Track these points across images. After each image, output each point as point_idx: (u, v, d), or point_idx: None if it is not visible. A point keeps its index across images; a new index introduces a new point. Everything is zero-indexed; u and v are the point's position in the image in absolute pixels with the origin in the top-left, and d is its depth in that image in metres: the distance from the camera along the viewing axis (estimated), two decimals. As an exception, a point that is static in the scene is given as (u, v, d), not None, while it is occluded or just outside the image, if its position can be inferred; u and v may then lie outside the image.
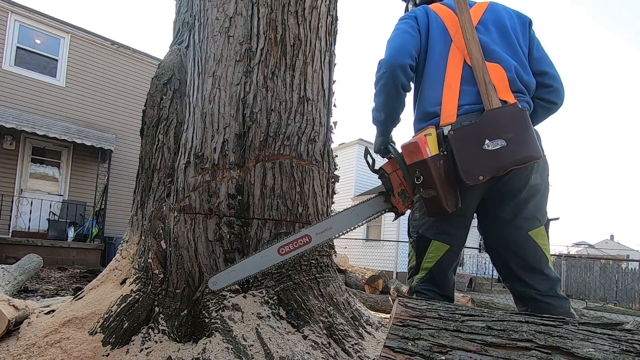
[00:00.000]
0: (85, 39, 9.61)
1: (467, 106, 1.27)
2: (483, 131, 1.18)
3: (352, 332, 2.02)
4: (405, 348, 0.73)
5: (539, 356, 0.63)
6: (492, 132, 1.17)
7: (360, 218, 1.67)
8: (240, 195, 2.14)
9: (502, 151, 1.16)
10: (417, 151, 1.21)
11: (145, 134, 2.67)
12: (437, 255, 1.35)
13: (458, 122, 1.24)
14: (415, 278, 1.42)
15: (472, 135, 1.19)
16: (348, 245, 12.71)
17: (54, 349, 1.80)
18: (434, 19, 1.40)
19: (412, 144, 1.22)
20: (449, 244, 1.35)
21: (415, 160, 1.22)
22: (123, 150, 9.87)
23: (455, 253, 1.38)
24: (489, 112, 1.20)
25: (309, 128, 2.32)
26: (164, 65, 2.72)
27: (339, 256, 6.31)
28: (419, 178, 1.22)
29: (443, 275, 1.38)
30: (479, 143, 1.18)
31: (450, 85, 1.30)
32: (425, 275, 1.37)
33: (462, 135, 1.20)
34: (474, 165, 1.17)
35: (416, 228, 1.42)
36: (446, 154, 1.23)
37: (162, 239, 2.20)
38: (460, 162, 1.18)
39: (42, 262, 5.02)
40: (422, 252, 1.39)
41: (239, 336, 1.75)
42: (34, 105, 8.82)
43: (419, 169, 1.22)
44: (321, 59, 2.43)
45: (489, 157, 1.16)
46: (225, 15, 2.28)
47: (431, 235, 1.36)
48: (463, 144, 1.19)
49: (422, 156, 1.20)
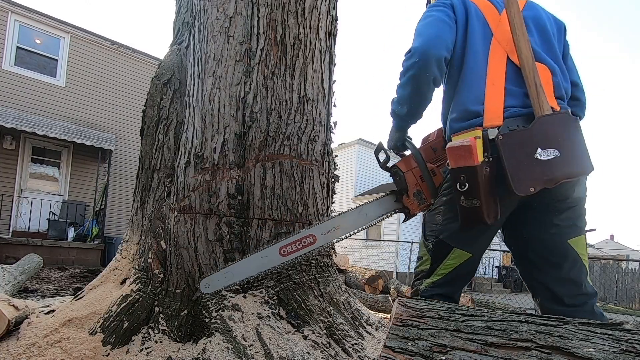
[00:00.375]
0: (85, 39, 9.61)
1: (513, 109, 1.16)
2: (535, 139, 1.08)
3: (352, 332, 2.02)
4: (405, 348, 0.73)
5: (539, 356, 0.63)
6: (545, 141, 1.08)
7: (370, 218, 1.59)
8: (240, 195, 2.14)
9: (555, 162, 1.07)
10: (468, 156, 1.09)
11: (145, 134, 2.67)
12: (457, 263, 1.26)
13: (505, 125, 1.13)
14: (425, 281, 1.33)
15: (523, 142, 1.09)
16: (348, 245, 12.71)
17: (54, 349, 1.80)
18: (473, 10, 1.28)
19: (464, 147, 1.09)
20: (471, 253, 1.26)
21: (463, 165, 1.10)
22: (123, 150, 9.87)
23: (475, 263, 1.30)
24: (542, 119, 1.09)
25: (309, 128, 2.32)
26: (164, 65, 2.72)
27: (339, 256, 6.31)
28: (464, 185, 1.11)
29: (457, 283, 1.31)
30: (530, 151, 1.07)
31: (493, 83, 1.19)
32: (438, 280, 1.29)
33: (513, 141, 1.09)
34: (525, 175, 1.07)
35: (436, 232, 1.31)
36: (491, 161, 1.11)
37: (162, 239, 2.20)
38: (510, 171, 1.08)
39: (42, 262, 5.02)
40: (439, 258, 1.29)
41: (239, 336, 1.75)
42: (34, 105, 8.82)
43: (465, 175, 1.10)
44: (321, 59, 2.43)
45: (541, 168, 1.07)
46: (225, 15, 2.28)
47: (454, 242, 1.26)
48: (513, 150, 1.09)
49: (472, 162, 1.08)
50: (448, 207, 1.27)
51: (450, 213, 1.25)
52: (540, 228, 1.21)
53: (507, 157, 1.08)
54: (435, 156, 1.47)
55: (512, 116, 1.15)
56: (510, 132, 1.11)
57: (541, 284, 1.24)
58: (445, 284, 1.28)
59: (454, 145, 1.13)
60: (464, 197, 1.13)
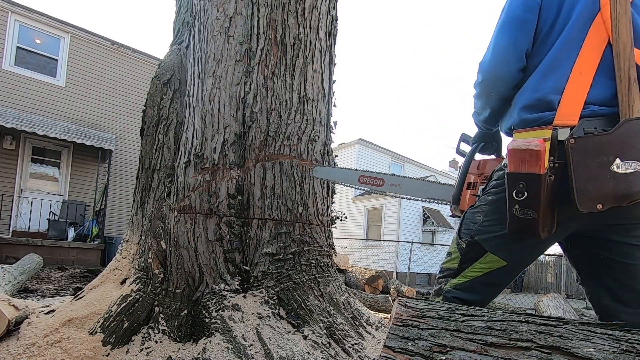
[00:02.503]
0: (85, 39, 9.61)
1: (595, 106, 0.97)
2: (615, 146, 0.90)
3: (352, 332, 2.02)
4: (405, 348, 0.73)
5: (539, 356, 0.63)
6: (628, 150, 0.89)
7: (428, 194, 1.63)
8: (240, 195, 2.14)
9: (634, 177, 0.89)
10: (534, 162, 0.93)
11: (145, 134, 2.67)
12: (489, 268, 1.14)
13: (580, 126, 0.95)
14: (450, 281, 1.21)
15: (600, 150, 0.91)
16: (348, 245, 12.72)
17: (54, 348, 1.80)
18: None
19: (532, 152, 0.93)
20: (507, 262, 1.12)
21: (524, 172, 0.95)
22: (123, 150, 9.87)
23: (509, 274, 1.16)
24: (629, 123, 0.91)
25: (309, 128, 2.32)
26: (164, 65, 2.72)
27: (339, 256, 6.31)
28: (522, 194, 0.96)
29: (484, 291, 1.18)
30: (606, 161, 0.90)
31: (581, 72, 0.99)
32: (465, 283, 1.17)
33: (586, 147, 0.92)
34: (595, 188, 0.91)
35: (472, 232, 1.18)
36: (557, 167, 0.95)
37: (162, 238, 2.20)
38: (576, 182, 0.92)
39: (42, 262, 5.03)
40: (469, 259, 1.17)
41: (239, 336, 1.75)
42: (34, 105, 8.82)
43: (525, 182, 0.95)
44: (321, 59, 2.43)
45: (616, 182, 0.90)
46: (225, 15, 2.28)
47: (490, 247, 1.13)
48: (584, 159, 0.91)
49: (538, 169, 0.93)
50: (493, 208, 1.13)
51: (494, 215, 1.12)
52: (615, 250, 1.04)
53: (575, 166, 0.92)
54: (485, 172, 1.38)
55: (591, 116, 0.97)
56: (585, 137, 0.93)
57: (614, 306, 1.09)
58: (470, 289, 1.17)
59: (517, 147, 0.96)
60: (519, 207, 0.98)
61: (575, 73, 1.00)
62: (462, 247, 1.20)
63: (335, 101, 2.69)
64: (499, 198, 1.10)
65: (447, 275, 1.23)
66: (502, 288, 1.23)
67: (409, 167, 17.48)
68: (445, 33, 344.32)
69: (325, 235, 2.37)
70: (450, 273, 1.22)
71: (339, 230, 6.14)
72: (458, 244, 1.22)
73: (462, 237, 1.20)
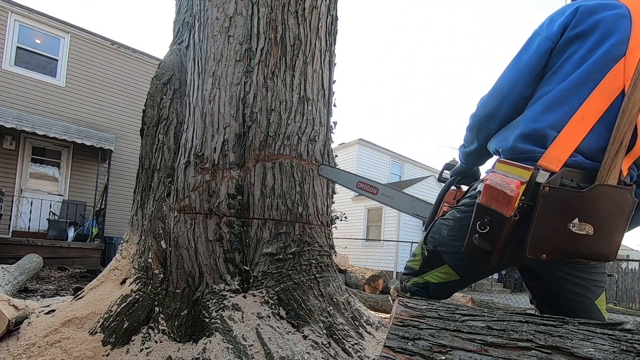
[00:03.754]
0: (85, 39, 9.61)
1: (581, 157, 0.96)
2: (579, 206, 0.92)
3: (352, 332, 2.02)
4: (405, 348, 0.73)
5: (539, 356, 0.63)
6: (588, 213, 0.92)
7: (414, 210, 1.74)
8: (240, 195, 2.14)
9: (582, 239, 0.92)
10: (504, 204, 0.95)
11: (145, 134, 2.67)
12: (443, 279, 1.22)
13: (559, 175, 0.95)
14: (412, 279, 1.32)
15: (566, 205, 0.93)
16: (348, 245, 12.72)
17: (54, 348, 1.80)
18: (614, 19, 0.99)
19: (505, 195, 0.95)
20: (460, 277, 1.20)
21: (493, 208, 0.98)
22: (123, 150, 9.87)
23: (461, 285, 1.26)
24: (600, 188, 0.92)
25: (309, 128, 2.32)
26: (164, 65, 2.72)
27: (339, 256, 6.31)
28: (484, 227, 1.00)
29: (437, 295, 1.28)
30: (567, 217, 0.92)
31: (583, 117, 0.97)
32: (424, 284, 1.27)
33: (556, 199, 0.93)
34: (546, 240, 0.95)
35: (436, 242, 1.24)
36: (525, 208, 0.95)
37: (162, 238, 2.20)
38: (534, 230, 0.95)
39: (42, 262, 5.02)
40: (429, 265, 1.26)
41: (239, 336, 1.75)
42: (34, 105, 8.82)
43: (490, 218, 0.98)
44: (321, 59, 2.43)
45: (564, 238, 0.93)
46: (225, 15, 2.28)
47: (448, 260, 1.20)
48: (550, 209, 0.93)
49: (505, 212, 0.95)
50: (457, 225, 1.18)
51: (457, 232, 1.17)
52: (561, 287, 1.07)
53: (540, 215, 0.94)
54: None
55: (574, 166, 0.96)
56: (557, 189, 0.93)
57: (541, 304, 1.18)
58: (427, 290, 1.27)
59: (494, 184, 0.97)
60: (479, 237, 1.02)
61: (578, 117, 0.98)
62: (424, 253, 1.28)
63: (335, 101, 2.70)
64: (465, 217, 1.14)
65: (409, 274, 1.34)
66: (451, 295, 1.31)
67: (409, 167, 17.47)
68: (446, 33, 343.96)
69: (325, 235, 2.37)
70: (412, 272, 1.32)
71: (339, 230, 6.13)
72: (422, 248, 1.30)
73: (427, 243, 1.28)
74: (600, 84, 0.97)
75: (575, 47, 1.03)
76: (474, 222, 1.03)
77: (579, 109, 0.97)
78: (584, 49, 1.01)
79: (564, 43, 1.04)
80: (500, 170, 1.01)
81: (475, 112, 1.21)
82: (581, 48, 1.01)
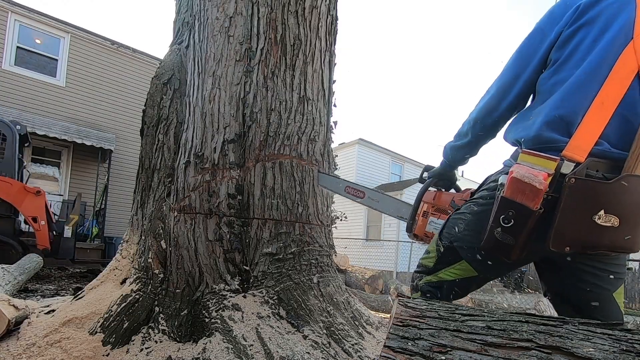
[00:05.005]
0: (85, 38, 9.61)
1: (606, 145, 0.94)
2: (606, 198, 0.89)
3: (352, 332, 2.02)
4: (405, 348, 0.73)
5: (539, 356, 0.63)
6: (614, 205, 0.89)
7: (400, 213, 1.77)
8: (240, 195, 2.14)
9: (607, 231, 0.90)
10: (531, 197, 0.91)
11: (145, 134, 2.67)
12: (460, 275, 1.18)
13: (584, 166, 0.91)
14: (424, 277, 1.27)
15: (592, 197, 0.90)
16: (348, 245, 12.72)
17: (54, 348, 1.80)
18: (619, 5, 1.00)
19: (533, 188, 0.91)
20: (477, 272, 1.16)
21: (519, 202, 0.94)
22: (123, 150, 9.87)
23: (479, 283, 1.22)
24: (628, 178, 0.89)
25: (309, 128, 2.32)
26: (164, 65, 2.72)
27: (339, 256, 6.31)
28: (508, 221, 0.96)
29: (452, 294, 1.23)
30: (592, 211, 0.90)
31: (603, 102, 0.95)
32: (437, 283, 1.23)
33: (581, 191, 0.90)
34: (570, 232, 0.92)
35: (452, 238, 1.20)
36: (549, 200, 0.93)
37: (162, 238, 2.20)
38: (558, 224, 0.92)
39: (42, 262, 5.02)
40: (445, 262, 1.22)
41: (239, 336, 1.75)
42: (34, 105, 8.82)
43: (515, 211, 0.95)
44: (321, 59, 2.43)
45: (589, 230, 0.91)
46: (225, 15, 2.28)
47: (465, 255, 1.16)
48: (575, 202, 0.90)
49: (532, 205, 0.92)
50: (475, 219, 1.14)
51: (475, 227, 1.13)
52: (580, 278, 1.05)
53: (564, 207, 0.91)
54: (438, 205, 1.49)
55: (599, 155, 0.93)
56: (583, 180, 0.90)
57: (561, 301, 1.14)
58: (440, 289, 1.23)
59: (521, 177, 0.93)
60: (501, 231, 0.98)
61: (597, 103, 0.95)
62: (440, 249, 1.23)
63: (335, 101, 2.70)
64: (484, 210, 1.12)
65: (422, 272, 1.29)
66: (468, 293, 1.27)
67: (409, 167, 17.47)
68: (446, 33, 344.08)
69: (325, 235, 2.37)
70: (425, 270, 1.28)
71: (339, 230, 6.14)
72: (437, 244, 1.25)
73: (442, 239, 1.23)
74: (614, 69, 0.96)
75: (582, 34, 1.02)
76: (496, 215, 1.00)
77: (597, 96, 0.96)
78: (591, 36, 1.00)
79: (570, 33, 1.04)
80: (525, 161, 0.97)
81: (478, 105, 1.23)
82: (588, 35, 1.01)
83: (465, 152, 1.34)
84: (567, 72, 1.02)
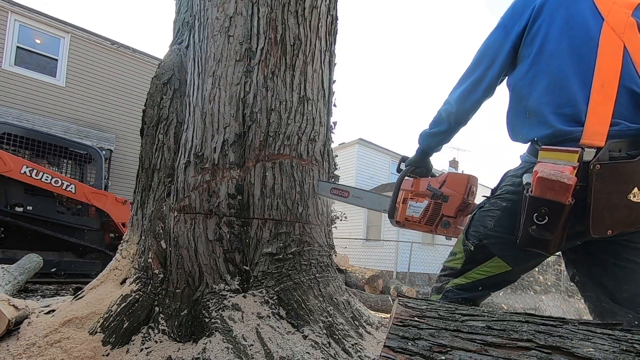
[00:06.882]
0: (85, 38, 9.61)
1: (623, 124, 0.93)
2: (636, 175, 0.89)
3: (352, 332, 2.02)
4: (405, 348, 0.73)
5: (539, 356, 0.63)
6: None
7: (382, 207, 1.85)
8: (240, 195, 2.14)
9: None
10: (562, 193, 0.90)
11: (145, 134, 2.67)
12: (493, 272, 1.15)
13: (606, 149, 0.91)
14: (452, 281, 1.23)
15: (621, 178, 0.90)
16: (348, 246, 12.72)
17: (54, 348, 1.80)
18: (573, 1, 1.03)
19: (562, 184, 0.89)
20: (511, 267, 1.14)
21: (550, 199, 0.92)
22: (123, 150, 9.87)
23: (511, 277, 1.19)
24: None
25: (309, 128, 2.32)
26: (164, 65, 2.72)
27: (339, 256, 6.32)
28: (542, 218, 0.95)
29: (484, 291, 1.20)
30: (625, 190, 0.90)
31: (602, 84, 0.95)
32: (468, 284, 1.19)
33: (610, 174, 0.90)
34: (610, 216, 0.92)
35: (481, 236, 1.17)
36: (579, 189, 0.91)
37: (162, 238, 2.20)
38: (594, 210, 0.92)
39: (42, 262, 5.02)
40: (475, 261, 1.18)
41: (239, 336, 1.75)
42: (34, 105, 8.82)
43: (548, 208, 0.93)
44: (321, 59, 2.43)
45: (629, 210, 0.90)
46: (225, 15, 2.28)
47: (498, 251, 1.14)
48: (606, 186, 0.90)
49: (564, 200, 0.90)
50: (505, 215, 1.13)
51: (506, 222, 1.12)
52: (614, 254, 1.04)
53: (596, 194, 0.91)
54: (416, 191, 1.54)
55: (617, 136, 0.92)
56: (609, 164, 0.90)
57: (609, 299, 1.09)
58: (473, 289, 1.19)
59: (548, 176, 0.91)
60: (537, 228, 0.97)
61: (597, 86, 0.95)
62: (468, 249, 1.20)
63: (335, 101, 2.70)
64: (512, 205, 1.11)
65: (449, 275, 1.24)
66: (502, 287, 1.26)
67: (409, 167, 17.44)
68: (446, 33, 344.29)
69: (325, 235, 2.37)
70: (453, 272, 1.23)
71: (339, 230, 6.12)
72: (464, 244, 1.21)
73: (470, 238, 1.20)
74: (600, 50, 0.97)
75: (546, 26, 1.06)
76: (528, 214, 0.99)
77: (594, 79, 0.96)
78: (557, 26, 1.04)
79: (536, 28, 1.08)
80: (546, 158, 0.97)
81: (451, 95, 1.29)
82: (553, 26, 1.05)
83: (440, 139, 1.40)
84: (544, 64, 1.05)
